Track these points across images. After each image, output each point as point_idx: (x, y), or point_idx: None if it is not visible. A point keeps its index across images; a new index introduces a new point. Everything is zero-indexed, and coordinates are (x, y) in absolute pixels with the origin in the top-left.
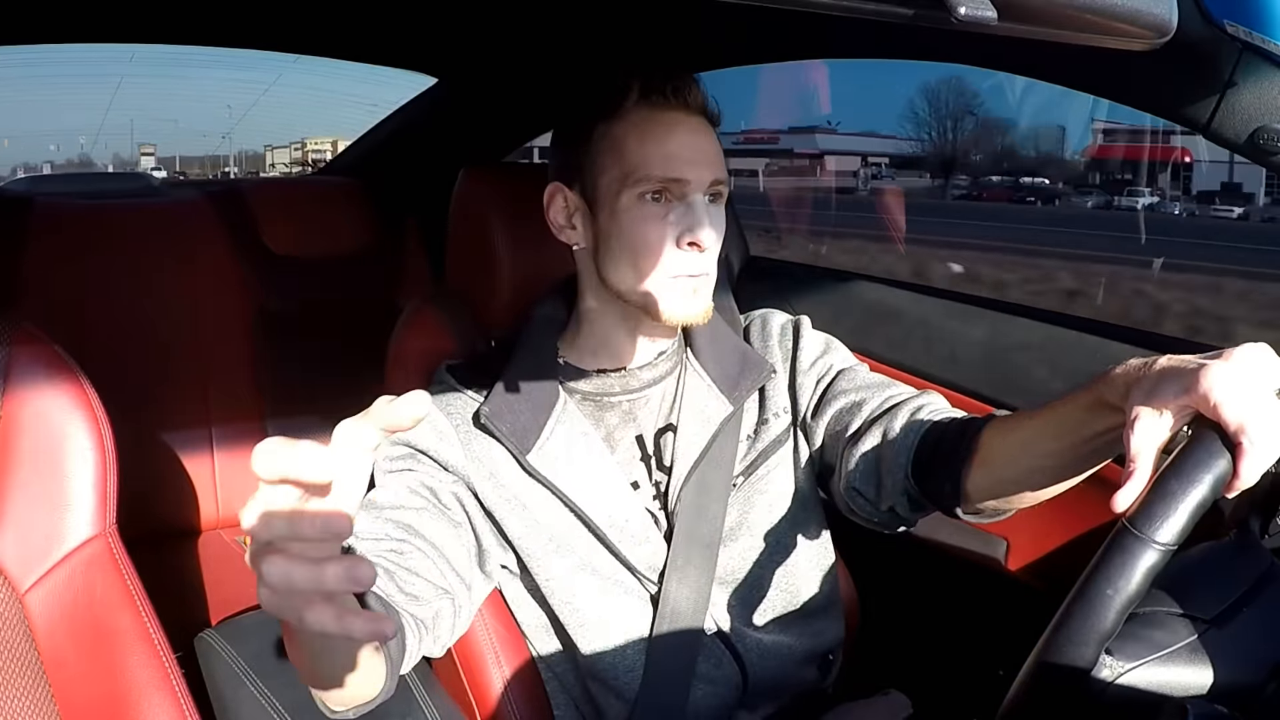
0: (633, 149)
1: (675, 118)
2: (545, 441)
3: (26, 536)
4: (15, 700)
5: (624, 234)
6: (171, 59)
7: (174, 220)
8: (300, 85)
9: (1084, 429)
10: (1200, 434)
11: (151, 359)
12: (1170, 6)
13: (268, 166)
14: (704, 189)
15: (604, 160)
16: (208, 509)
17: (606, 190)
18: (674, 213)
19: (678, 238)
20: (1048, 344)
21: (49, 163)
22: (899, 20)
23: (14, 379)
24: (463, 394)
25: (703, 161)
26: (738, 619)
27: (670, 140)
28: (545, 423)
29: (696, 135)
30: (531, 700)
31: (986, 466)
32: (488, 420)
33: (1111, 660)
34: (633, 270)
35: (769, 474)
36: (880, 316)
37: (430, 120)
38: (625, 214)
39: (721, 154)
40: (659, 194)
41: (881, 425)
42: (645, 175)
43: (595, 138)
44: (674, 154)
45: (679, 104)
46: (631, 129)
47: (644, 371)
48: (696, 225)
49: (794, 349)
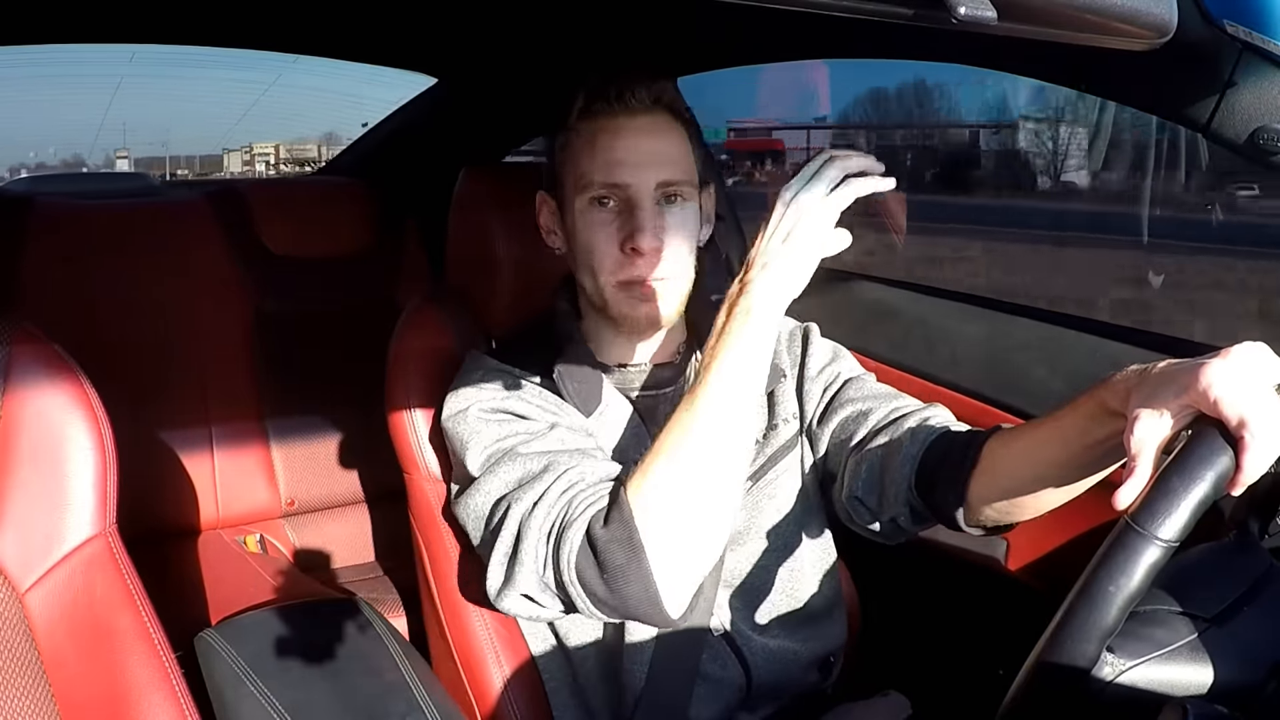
0: (583, 157)
1: (619, 123)
2: (605, 409)
3: (26, 536)
4: (15, 700)
5: (579, 239)
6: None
7: (173, 220)
8: (300, 86)
9: (1086, 436)
10: (1201, 431)
11: (151, 359)
12: (1170, 6)
13: (225, 170)
14: (649, 191)
15: (565, 169)
16: (208, 509)
17: (567, 198)
18: (619, 218)
19: (621, 242)
20: (1048, 344)
21: (24, 166)
22: (899, 20)
23: (14, 379)
24: (509, 371)
25: (648, 164)
26: (743, 621)
27: (615, 146)
28: (603, 393)
29: (645, 137)
30: (531, 700)
31: (989, 476)
32: (559, 377)
33: (1112, 658)
34: (589, 275)
35: (777, 479)
36: (880, 316)
37: (430, 120)
38: (580, 219)
39: (684, 153)
40: (605, 199)
41: (886, 436)
42: (589, 182)
43: (558, 148)
44: (616, 159)
45: (622, 108)
46: (581, 137)
47: (662, 370)
48: (636, 230)
49: (802, 355)
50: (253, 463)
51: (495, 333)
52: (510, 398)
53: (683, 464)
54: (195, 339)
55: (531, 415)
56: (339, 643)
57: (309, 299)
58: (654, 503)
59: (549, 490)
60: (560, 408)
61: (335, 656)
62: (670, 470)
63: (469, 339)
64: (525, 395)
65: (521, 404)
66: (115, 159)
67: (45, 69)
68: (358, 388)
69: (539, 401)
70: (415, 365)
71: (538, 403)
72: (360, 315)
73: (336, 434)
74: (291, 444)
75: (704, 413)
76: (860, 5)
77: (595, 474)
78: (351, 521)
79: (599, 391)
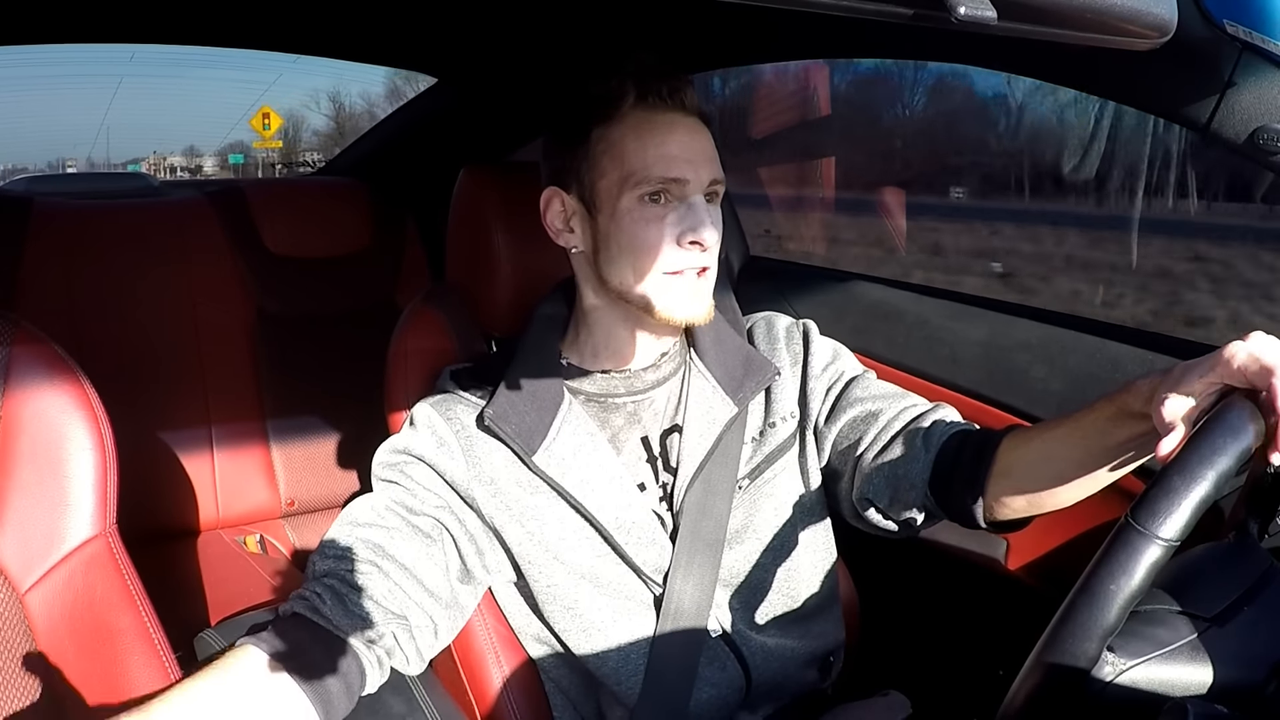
0: (632, 151)
1: (672, 119)
2: (552, 442)
3: (27, 536)
4: (15, 700)
5: (624, 235)
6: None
7: (173, 220)
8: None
9: (1106, 438)
10: (1204, 429)
11: (151, 359)
12: (1170, 6)
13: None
14: (703, 188)
15: (603, 164)
16: (207, 509)
17: (606, 193)
18: (674, 213)
19: (679, 237)
20: (1048, 344)
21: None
22: (899, 20)
23: (14, 379)
24: (465, 399)
25: (700, 161)
26: (741, 621)
27: (669, 141)
28: (551, 423)
29: (693, 136)
30: (531, 700)
31: (1006, 477)
32: (492, 422)
33: (1113, 657)
34: (633, 271)
35: (776, 477)
36: (880, 316)
37: (430, 120)
38: (626, 216)
39: (716, 154)
40: (658, 195)
41: (898, 437)
42: (645, 177)
43: (593, 141)
44: (673, 155)
45: (675, 105)
46: (629, 132)
47: (648, 373)
48: (698, 224)
49: (805, 354)
50: (253, 463)
51: (495, 333)
52: (421, 437)
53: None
54: (195, 339)
55: (408, 470)
56: None
57: (309, 299)
58: None
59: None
60: (485, 453)
61: None
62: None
63: (469, 339)
64: (440, 436)
65: (422, 447)
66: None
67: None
68: (358, 388)
69: (437, 451)
70: (415, 365)
71: (433, 455)
72: (360, 315)
73: (336, 434)
74: (291, 444)
75: None
76: (860, 5)
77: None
78: None
79: (546, 419)
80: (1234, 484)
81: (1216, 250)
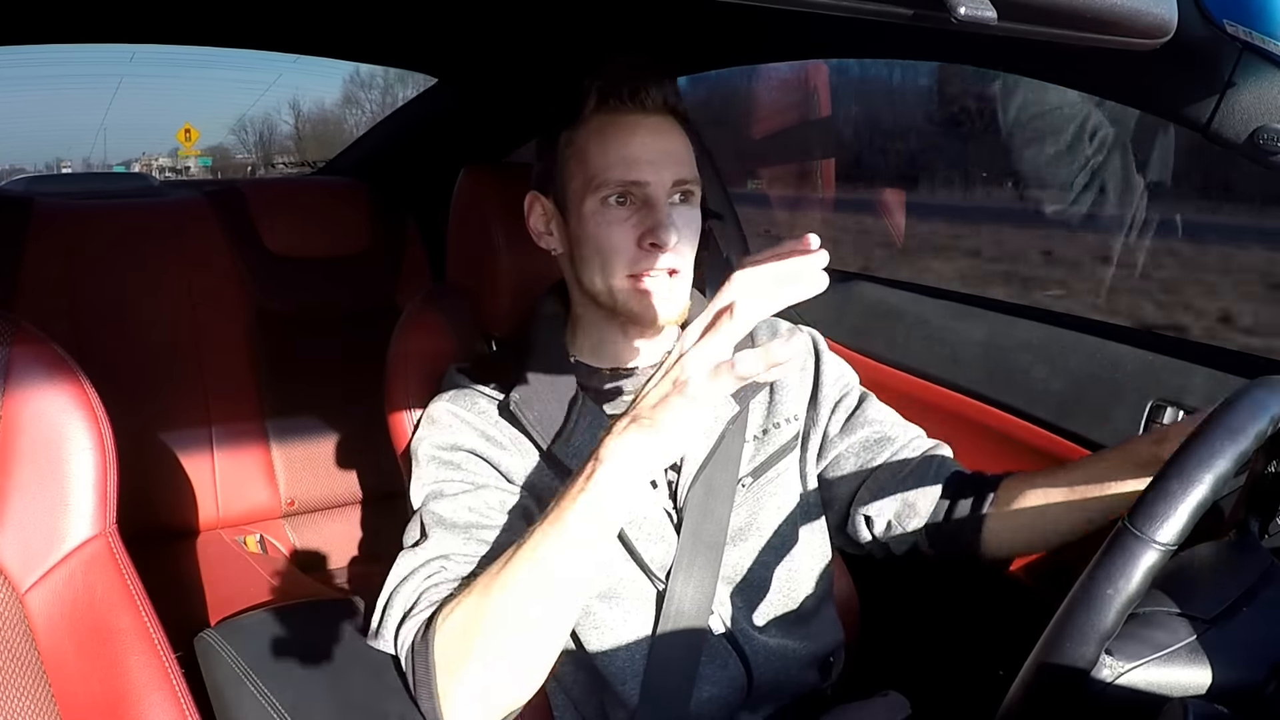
0: (594, 154)
1: (634, 121)
2: (570, 434)
3: (26, 536)
4: (15, 700)
5: (590, 239)
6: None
7: (174, 220)
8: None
9: (1108, 488)
10: (1199, 433)
11: (151, 359)
12: (1170, 7)
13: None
14: (666, 189)
15: (570, 167)
16: (207, 509)
17: (574, 197)
18: (637, 215)
19: (639, 238)
20: (1048, 344)
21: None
22: (899, 20)
23: (14, 379)
24: (483, 391)
25: (664, 162)
26: (742, 620)
27: (630, 143)
28: (570, 415)
29: (658, 136)
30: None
31: (1006, 518)
32: (517, 408)
33: (1111, 660)
34: (600, 274)
35: (779, 477)
36: (880, 316)
37: (430, 120)
38: (590, 219)
39: (689, 153)
40: (622, 197)
41: (910, 464)
42: (605, 180)
43: (561, 145)
44: (634, 157)
45: (637, 107)
46: (592, 135)
47: (651, 371)
48: (657, 225)
49: (816, 362)
50: (253, 463)
51: (495, 333)
52: (462, 431)
53: (494, 608)
54: (195, 339)
55: (467, 466)
56: (339, 643)
57: (309, 299)
58: (453, 638)
59: (422, 567)
60: (513, 443)
61: (335, 657)
62: (480, 610)
63: (469, 339)
64: (479, 429)
65: (471, 441)
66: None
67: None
68: (357, 388)
69: (486, 444)
70: (415, 366)
71: (483, 448)
72: (360, 315)
73: (336, 434)
74: (291, 444)
75: (525, 568)
76: (860, 5)
77: (469, 563)
78: (351, 521)
79: (564, 411)
80: (1234, 484)
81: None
